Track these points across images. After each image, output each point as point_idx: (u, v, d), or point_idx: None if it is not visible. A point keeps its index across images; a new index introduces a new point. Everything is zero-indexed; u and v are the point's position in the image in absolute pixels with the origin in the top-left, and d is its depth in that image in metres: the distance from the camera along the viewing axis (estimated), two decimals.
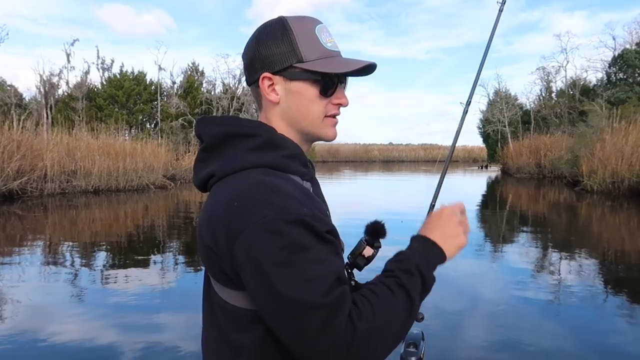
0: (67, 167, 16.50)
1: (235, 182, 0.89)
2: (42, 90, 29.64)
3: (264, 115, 1.01)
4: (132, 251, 8.25)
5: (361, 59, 0.98)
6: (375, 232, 1.13)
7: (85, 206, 14.14)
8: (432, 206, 1.35)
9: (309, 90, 0.96)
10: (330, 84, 0.97)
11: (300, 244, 0.81)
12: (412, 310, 0.88)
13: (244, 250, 0.82)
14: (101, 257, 7.72)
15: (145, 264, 7.33)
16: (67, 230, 10.37)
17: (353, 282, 1.04)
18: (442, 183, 1.41)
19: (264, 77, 0.96)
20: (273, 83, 0.96)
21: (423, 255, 0.94)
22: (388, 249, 1.10)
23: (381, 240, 1.15)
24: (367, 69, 1.00)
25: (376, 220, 1.15)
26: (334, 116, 1.01)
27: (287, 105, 0.97)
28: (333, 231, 0.90)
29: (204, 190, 0.99)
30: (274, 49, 0.94)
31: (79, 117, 27.86)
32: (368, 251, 1.12)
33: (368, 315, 0.83)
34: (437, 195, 1.38)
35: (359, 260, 1.12)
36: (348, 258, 1.12)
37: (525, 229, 11.08)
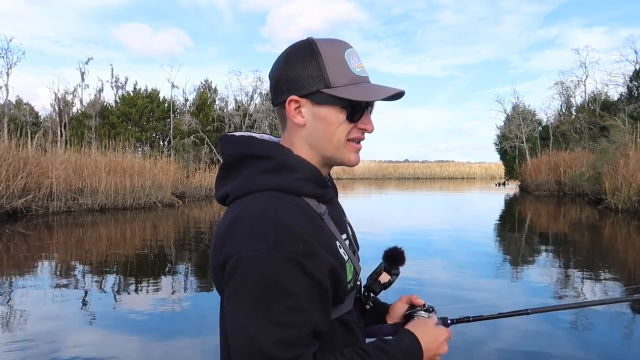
0: (74, 185, 16.27)
1: (243, 205, 0.90)
2: (56, 108, 29.83)
3: (287, 136, 0.99)
4: (140, 271, 7.91)
5: (389, 86, 0.98)
6: (392, 259, 1.12)
7: (90, 225, 13.86)
8: None
9: (336, 116, 0.95)
10: (358, 109, 0.96)
11: (282, 285, 0.81)
12: None
13: (230, 274, 0.83)
14: (109, 278, 7.44)
15: (155, 284, 7.09)
16: (72, 250, 10.06)
17: (368, 306, 1.11)
18: None
19: (290, 100, 0.94)
20: (300, 106, 0.95)
21: (407, 357, 0.95)
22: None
23: (400, 268, 1.14)
24: (395, 96, 0.99)
25: (395, 247, 1.13)
26: (357, 141, 1.00)
27: (314, 128, 0.96)
28: (332, 270, 0.89)
29: (225, 205, 1.00)
30: (301, 72, 0.94)
31: (92, 134, 27.91)
32: (384, 277, 1.12)
33: None
34: None
35: (374, 285, 1.11)
36: (367, 280, 1.12)
37: (547, 249, 10.45)
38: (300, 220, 0.87)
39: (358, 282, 1.07)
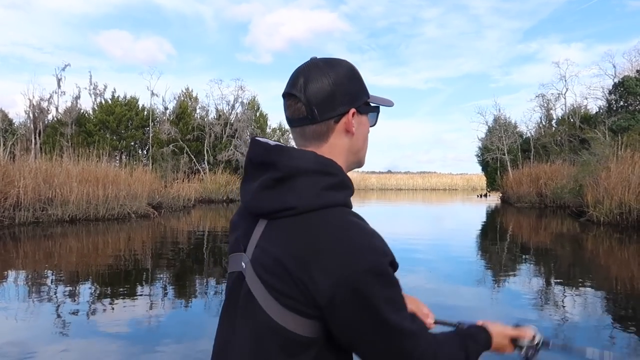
0: (43, 195, 15.60)
1: (326, 221, 0.96)
2: (31, 115, 29.03)
3: (327, 148, 1.05)
4: (113, 285, 7.44)
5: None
6: None
7: (59, 236, 13.25)
8: None
9: (368, 122, 1.12)
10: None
11: (394, 280, 0.95)
12: None
13: (353, 290, 0.90)
14: (80, 292, 7.07)
15: (130, 297, 6.79)
16: (40, 263, 9.52)
17: None
18: None
19: (353, 112, 1.05)
20: (353, 116, 1.05)
21: (484, 346, 1.17)
22: None
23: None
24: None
25: None
26: None
27: (357, 136, 1.08)
28: None
29: (263, 216, 1.01)
30: (353, 86, 1.06)
31: (68, 142, 27.15)
32: None
33: (443, 352, 1.01)
34: None
35: None
36: None
37: (529, 262, 10.23)
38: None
39: None
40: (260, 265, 0.98)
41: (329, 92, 1.02)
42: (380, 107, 1.15)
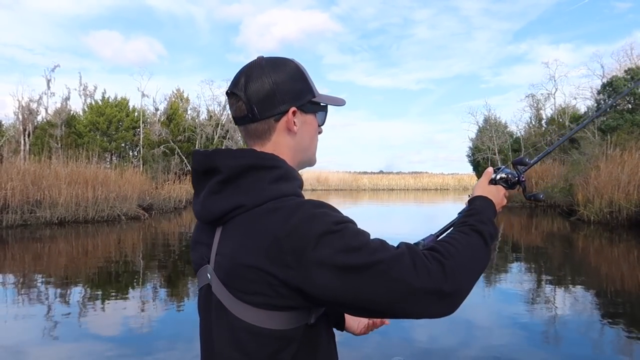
0: (31, 197, 15.43)
1: (275, 209, 0.94)
2: (20, 116, 28.71)
3: (271, 146, 1.06)
4: (104, 288, 7.35)
5: (332, 95, 1.16)
6: None
7: (48, 239, 13.11)
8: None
9: (315, 121, 1.11)
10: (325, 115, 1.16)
11: (347, 229, 0.93)
12: (487, 249, 1.08)
13: (319, 264, 0.89)
14: (71, 295, 7.00)
15: (121, 300, 6.76)
16: (28, 266, 9.40)
17: None
18: None
19: (294, 111, 1.05)
20: (294, 115, 1.06)
21: (490, 210, 1.19)
22: None
23: None
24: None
25: None
26: None
27: (301, 135, 1.08)
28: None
29: (214, 223, 1.01)
30: (295, 86, 1.06)
31: (57, 144, 26.90)
32: None
33: (452, 253, 0.98)
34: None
35: None
36: None
37: (520, 260, 10.27)
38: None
39: None
40: (222, 272, 0.97)
41: (269, 91, 1.03)
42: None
